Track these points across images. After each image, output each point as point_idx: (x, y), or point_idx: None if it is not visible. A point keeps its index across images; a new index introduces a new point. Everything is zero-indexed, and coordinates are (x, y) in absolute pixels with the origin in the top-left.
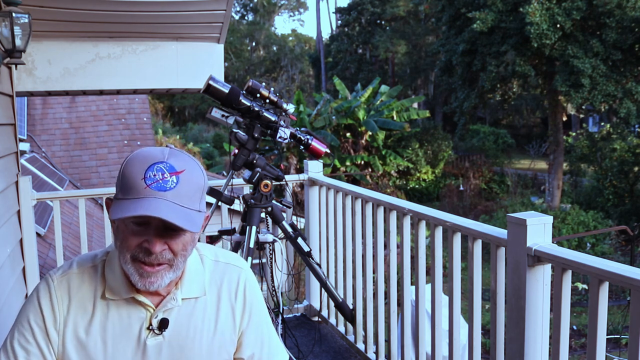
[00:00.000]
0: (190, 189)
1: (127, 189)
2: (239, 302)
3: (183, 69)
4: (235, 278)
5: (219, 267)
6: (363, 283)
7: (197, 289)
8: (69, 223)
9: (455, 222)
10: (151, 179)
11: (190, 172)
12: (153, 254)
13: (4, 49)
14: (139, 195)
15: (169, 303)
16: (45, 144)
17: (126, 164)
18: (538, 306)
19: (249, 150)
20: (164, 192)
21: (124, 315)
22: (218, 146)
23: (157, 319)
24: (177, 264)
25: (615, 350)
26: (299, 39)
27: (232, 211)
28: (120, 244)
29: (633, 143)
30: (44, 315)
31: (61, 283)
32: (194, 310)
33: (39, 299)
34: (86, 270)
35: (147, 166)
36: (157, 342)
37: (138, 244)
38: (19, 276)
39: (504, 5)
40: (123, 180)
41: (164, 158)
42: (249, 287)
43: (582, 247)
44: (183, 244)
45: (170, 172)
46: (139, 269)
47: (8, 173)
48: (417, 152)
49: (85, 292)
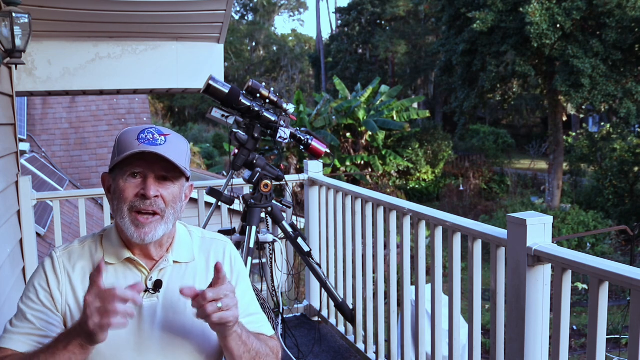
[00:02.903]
0: (177, 149)
1: (123, 150)
2: (226, 268)
3: (183, 69)
4: (222, 250)
5: (206, 241)
6: (363, 283)
7: (186, 255)
8: (69, 223)
9: (455, 222)
10: (144, 139)
11: (176, 137)
12: (148, 200)
13: (4, 49)
14: (133, 149)
15: (162, 264)
16: (45, 144)
17: (120, 135)
18: (538, 306)
19: (249, 150)
20: (156, 146)
21: (120, 278)
22: (218, 146)
23: (152, 280)
24: (168, 215)
25: (615, 350)
26: (299, 39)
27: (232, 211)
28: (117, 200)
29: (633, 143)
30: (49, 279)
31: (64, 255)
32: (185, 274)
33: (44, 266)
34: (86, 245)
35: (140, 131)
36: (152, 303)
37: (135, 193)
38: (19, 276)
39: (504, 5)
40: (119, 146)
41: (153, 126)
42: (234, 258)
43: (582, 247)
44: (173, 196)
45: (159, 133)
46: (135, 220)
47: (8, 173)
48: (417, 152)
49: (85, 260)
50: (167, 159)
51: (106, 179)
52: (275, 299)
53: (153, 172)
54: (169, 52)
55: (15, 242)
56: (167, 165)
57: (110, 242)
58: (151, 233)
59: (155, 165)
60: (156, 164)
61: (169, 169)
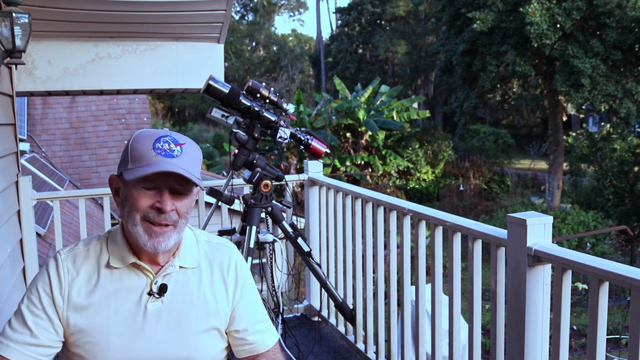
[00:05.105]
0: (192, 159)
1: (138, 159)
2: (231, 277)
3: (183, 69)
4: (227, 256)
5: (212, 246)
6: (363, 283)
7: (192, 260)
8: (69, 223)
9: (455, 222)
10: (160, 149)
11: (190, 146)
12: (164, 213)
13: (4, 49)
14: (150, 162)
15: (168, 269)
16: (45, 144)
17: (133, 140)
18: (538, 306)
19: (249, 150)
20: (173, 159)
21: (126, 282)
22: (218, 146)
23: (157, 284)
24: (181, 225)
25: (615, 350)
26: (299, 39)
27: (232, 211)
28: (129, 208)
29: (633, 143)
30: (51, 282)
31: (68, 257)
32: (190, 279)
33: (48, 269)
34: (91, 247)
35: (155, 139)
36: (157, 307)
37: (150, 205)
38: (19, 276)
39: (504, 5)
40: (132, 153)
41: (168, 133)
42: (239, 265)
43: (582, 247)
44: (187, 207)
45: (175, 143)
46: (148, 229)
47: (8, 173)
48: (417, 152)
49: (90, 264)
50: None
51: (114, 181)
52: (275, 299)
53: (169, 186)
54: (169, 52)
55: (15, 242)
56: (183, 179)
57: (116, 245)
58: (164, 242)
59: (171, 179)
60: (172, 177)
61: (184, 183)
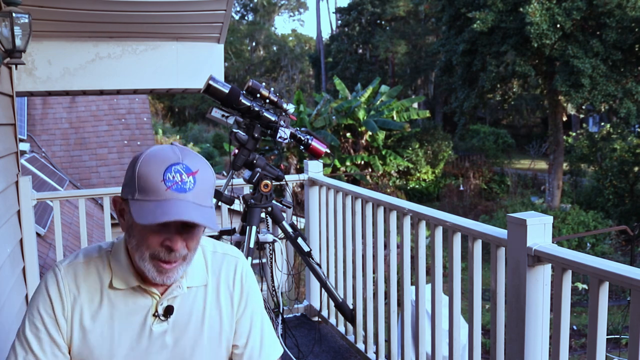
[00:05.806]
0: (205, 188)
1: (147, 191)
2: (236, 290)
3: (183, 69)
4: (233, 267)
5: (217, 257)
6: (363, 283)
7: (199, 278)
8: (69, 223)
9: (455, 222)
10: (171, 181)
11: (204, 172)
12: (174, 252)
13: (4, 49)
14: (160, 197)
15: (175, 291)
16: (45, 144)
17: (141, 164)
18: (538, 306)
19: (249, 150)
20: (185, 193)
21: (130, 303)
22: (218, 146)
23: (163, 305)
24: (190, 257)
25: (615, 350)
26: (299, 39)
27: (232, 211)
28: (137, 242)
29: (633, 143)
30: (53, 303)
31: (68, 272)
32: (196, 298)
33: (47, 287)
34: (92, 261)
35: (165, 168)
36: (163, 328)
37: (159, 243)
38: (19, 276)
39: (504, 5)
40: (140, 181)
41: (179, 159)
42: (245, 276)
43: (582, 247)
44: (197, 240)
45: (187, 172)
46: (158, 266)
47: (8, 173)
48: (417, 152)
49: (92, 281)
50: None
51: (118, 203)
52: (275, 299)
53: (180, 224)
54: (169, 52)
55: (15, 242)
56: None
57: (119, 265)
58: (174, 276)
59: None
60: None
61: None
